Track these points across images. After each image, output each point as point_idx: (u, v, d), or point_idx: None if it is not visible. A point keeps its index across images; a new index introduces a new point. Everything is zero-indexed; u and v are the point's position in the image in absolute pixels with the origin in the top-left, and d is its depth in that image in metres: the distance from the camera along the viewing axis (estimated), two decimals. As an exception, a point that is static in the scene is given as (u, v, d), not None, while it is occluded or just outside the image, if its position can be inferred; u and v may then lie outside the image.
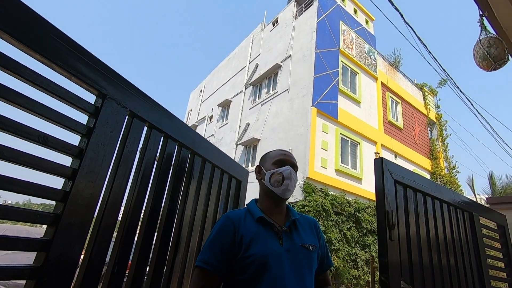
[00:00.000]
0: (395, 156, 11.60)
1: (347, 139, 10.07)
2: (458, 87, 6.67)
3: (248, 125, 12.15)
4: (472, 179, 11.47)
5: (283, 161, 1.12)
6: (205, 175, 1.53)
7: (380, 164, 1.48)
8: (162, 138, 1.25)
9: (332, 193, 8.88)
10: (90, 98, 0.97)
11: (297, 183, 8.60)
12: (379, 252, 1.35)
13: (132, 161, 1.07)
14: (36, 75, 0.79)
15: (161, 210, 1.24)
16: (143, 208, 1.14)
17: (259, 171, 1.17)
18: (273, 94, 11.32)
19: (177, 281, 1.30)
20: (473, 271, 1.81)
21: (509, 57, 2.32)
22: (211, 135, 15.04)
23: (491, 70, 2.39)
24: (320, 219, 8.09)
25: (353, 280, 8.06)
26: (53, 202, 0.83)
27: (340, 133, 9.84)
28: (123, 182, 1.03)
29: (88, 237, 0.94)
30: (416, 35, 4.80)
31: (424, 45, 5.15)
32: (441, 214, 1.75)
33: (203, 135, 16.20)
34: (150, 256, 1.18)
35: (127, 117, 1.06)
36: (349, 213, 8.85)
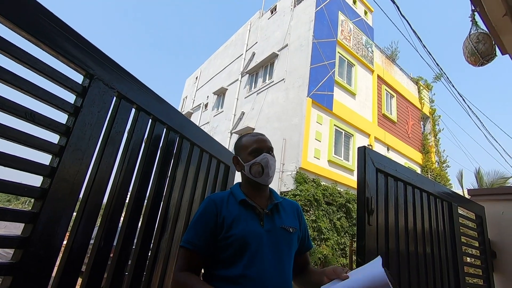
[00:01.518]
0: (388, 149, 11.75)
1: (341, 130, 10.15)
2: (451, 82, 6.73)
3: (243, 113, 12.13)
4: (461, 174, 11.77)
5: (258, 149, 1.14)
6: (193, 159, 1.57)
7: (363, 152, 1.53)
8: (150, 120, 1.27)
9: (324, 183, 9.02)
10: (78, 78, 0.99)
11: (290, 173, 8.72)
12: (357, 236, 1.42)
13: (119, 141, 1.10)
14: (23, 53, 0.80)
15: (148, 191, 1.27)
16: (130, 188, 1.18)
17: (237, 162, 1.19)
18: (269, 83, 11.27)
19: (162, 262, 1.35)
20: (448, 258, 1.91)
21: (497, 53, 2.36)
22: (206, 123, 15.00)
23: (478, 65, 2.44)
24: (311, 209, 8.24)
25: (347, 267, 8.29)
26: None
27: (334, 125, 9.91)
28: (110, 162, 1.06)
29: (75, 213, 0.98)
30: (412, 29, 4.81)
31: (419, 38, 5.17)
32: (420, 202, 1.82)
33: (198, 123, 16.17)
34: (136, 236, 1.22)
35: (115, 98, 1.08)
36: (339, 204, 9.02)
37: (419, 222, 1.77)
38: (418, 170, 13.10)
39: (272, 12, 13.26)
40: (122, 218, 1.17)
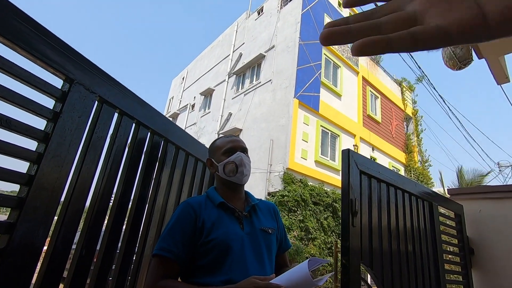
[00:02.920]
0: (372, 149, 12.01)
1: (327, 131, 10.30)
2: (432, 85, 6.95)
3: (231, 114, 12.11)
4: (440, 173, 12.25)
5: (232, 148, 1.13)
6: (178, 163, 1.55)
7: (347, 155, 1.56)
8: (133, 125, 1.25)
9: (311, 183, 9.12)
10: (57, 82, 0.96)
11: (278, 174, 8.76)
12: (342, 237, 1.45)
13: (101, 147, 1.08)
14: (-2, 57, 0.78)
15: (132, 196, 1.25)
16: (113, 193, 1.15)
17: (210, 164, 1.18)
18: (256, 84, 11.30)
19: (147, 268, 1.33)
20: (429, 256, 1.97)
21: (473, 58, 2.46)
22: (193, 124, 14.87)
23: (457, 70, 2.53)
24: (298, 209, 8.31)
25: (328, 267, 8.40)
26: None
27: (321, 125, 10.04)
28: (91, 168, 1.04)
29: (55, 221, 0.95)
30: (394, 32, 4.93)
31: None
32: (402, 203, 1.87)
33: (184, 124, 15.98)
34: (120, 243, 1.20)
35: (96, 102, 1.06)
36: (326, 203, 9.14)
37: (401, 222, 1.82)
38: (402, 169, 13.46)
39: (259, 13, 13.30)
40: (105, 224, 1.15)
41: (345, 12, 12.93)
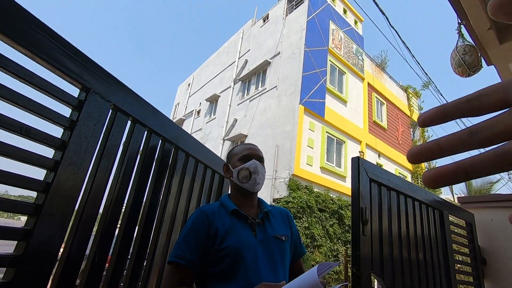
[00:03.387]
0: (379, 156, 11.92)
1: (333, 137, 10.26)
2: (439, 91, 6.91)
3: (236, 120, 12.15)
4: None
5: (248, 156, 1.15)
6: (188, 170, 1.56)
7: (356, 162, 1.55)
8: (145, 132, 1.27)
9: (317, 190, 9.06)
10: (74, 91, 0.98)
11: (283, 180, 8.73)
12: (352, 246, 1.43)
13: (115, 154, 1.09)
14: (20, 68, 0.80)
15: (143, 203, 1.26)
16: (125, 201, 1.16)
17: (227, 170, 1.20)
18: (261, 91, 11.35)
19: (157, 274, 1.33)
20: (440, 265, 1.93)
21: (482, 65, 2.45)
22: (198, 130, 14.95)
23: (465, 76, 2.52)
24: (304, 215, 8.25)
25: (334, 275, 8.28)
26: (31, 194, 0.85)
27: (326, 132, 10.02)
28: (105, 175, 1.05)
29: (69, 228, 0.96)
30: (400, 39, 4.94)
31: (408, 48, 5.31)
32: (413, 211, 1.85)
33: (190, 130, 16.11)
34: (131, 249, 1.20)
35: (110, 111, 1.08)
36: (332, 210, 9.06)
37: (412, 230, 1.79)
38: (409, 176, 13.30)
39: (264, 21, 13.44)
40: (117, 230, 1.16)
41: (350, 19, 12.99)
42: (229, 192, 1.21)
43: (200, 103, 15.99)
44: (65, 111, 0.94)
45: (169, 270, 0.98)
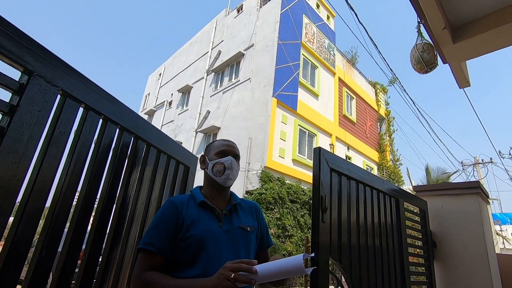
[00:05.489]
0: (348, 148, 12.39)
1: (305, 130, 10.48)
2: (403, 87, 7.28)
3: (209, 112, 11.98)
4: (408, 170, 13.03)
5: (225, 151, 1.19)
6: (149, 160, 1.52)
7: (318, 153, 1.60)
8: (100, 120, 1.21)
9: (288, 181, 9.25)
10: (16, 74, 0.91)
11: (256, 172, 8.80)
12: (312, 233, 1.49)
13: (64, 142, 1.03)
14: None
15: (99, 194, 1.21)
16: (77, 193, 1.11)
17: (203, 161, 1.23)
18: (235, 83, 11.26)
19: (114, 268, 1.29)
20: (395, 249, 2.07)
21: (438, 63, 2.60)
22: (170, 121, 14.56)
23: (423, 73, 2.67)
24: (276, 207, 8.41)
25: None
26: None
27: (298, 125, 10.20)
28: (53, 165, 0.99)
29: (11, 221, 0.90)
30: (368, 36, 5.12)
31: (375, 45, 5.51)
32: (371, 199, 1.95)
33: (161, 121, 15.62)
34: (84, 244, 1.16)
35: (59, 96, 1.01)
36: (303, 201, 9.32)
37: (370, 218, 1.90)
38: (375, 168, 14.00)
39: (238, 11, 13.24)
40: (68, 224, 1.11)
41: (323, 14, 13.20)
42: (201, 185, 1.24)
43: (172, 94, 15.54)
44: (5, 95, 0.87)
45: (139, 257, 1.01)
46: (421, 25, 2.75)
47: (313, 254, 0.94)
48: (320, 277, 1.40)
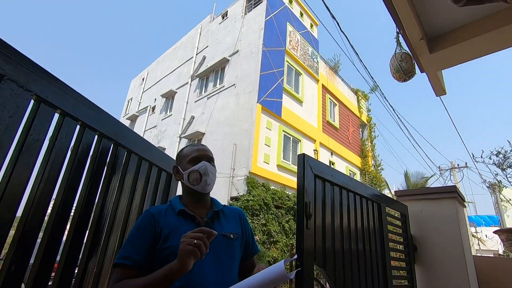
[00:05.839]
0: (331, 154, 12.59)
1: (289, 136, 10.57)
2: (383, 95, 7.51)
3: (193, 118, 11.87)
4: (385, 180, 13.61)
5: (197, 157, 1.15)
6: (130, 168, 1.47)
7: (302, 159, 1.61)
8: (78, 127, 1.16)
9: (273, 187, 9.26)
10: (-16, 77, 0.85)
11: (241, 178, 8.75)
12: (297, 240, 1.48)
13: (37, 150, 0.98)
14: None
15: (75, 203, 1.16)
16: (52, 200, 1.05)
17: (177, 172, 1.19)
18: (219, 88, 11.24)
19: (91, 280, 1.23)
20: (377, 254, 2.10)
21: (416, 71, 2.71)
22: (153, 127, 14.30)
23: (402, 81, 2.76)
24: (261, 213, 8.37)
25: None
26: None
27: (283, 130, 10.28)
28: (25, 173, 0.94)
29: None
30: (350, 44, 5.27)
31: (357, 54, 5.67)
32: (354, 205, 1.98)
33: (144, 126, 15.33)
34: (59, 255, 1.10)
35: (32, 101, 0.96)
36: (288, 207, 9.34)
37: (353, 223, 1.92)
38: (358, 173, 14.28)
39: (223, 17, 13.30)
40: (41, 234, 1.05)
41: (306, 22, 13.48)
42: (180, 194, 1.21)
43: (155, 99, 15.29)
44: (-29, 100, 0.82)
45: (115, 272, 0.96)
46: (399, 35, 2.86)
47: (295, 257, 0.93)
48: (305, 284, 1.39)
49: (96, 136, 1.26)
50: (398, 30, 2.80)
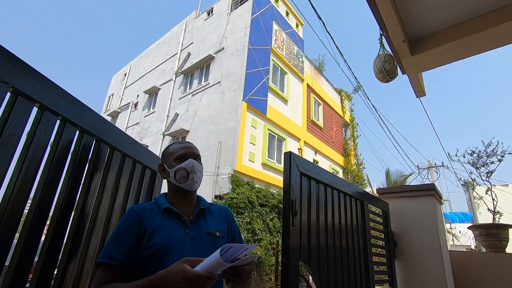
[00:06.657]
0: (315, 153, 12.77)
1: (274, 134, 10.63)
2: (366, 95, 7.69)
3: (177, 115, 11.68)
4: (367, 175, 13.97)
5: (184, 155, 1.13)
6: (113, 165, 1.43)
7: (288, 157, 1.62)
8: (58, 121, 1.11)
9: (258, 185, 9.29)
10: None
11: (226, 176, 8.71)
12: (283, 237, 1.49)
13: (14, 146, 0.93)
14: None
15: (54, 201, 1.11)
16: (30, 199, 1.01)
17: (162, 170, 1.17)
18: (204, 85, 11.12)
19: (71, 283, 1.19)
20: (360, 250, 2.16)
21: (398, 73, 2.79)
22: (136, 124, 13.96)
23: (385, 82, 2.84)
24: (245, 211, 8.38)
25: (274, 267, 8.62)
26: None
27: (268, 129, 10.32)
28: (0, 170, 0.89)
29: None
30: (335, 44, 5.34)
31: (341, 54, 5.77)
32: (338, 202, 2.02)
33: (126, 123, 14.90)
34: (37, 256, 1.05)
35: (8, 94, 0.91)
36: (272, 205, 9.40)
37: (337, 220, 1.96)
38: (341, 172, 14.57)
39: (208, 14, 13.15)
40: (18, 234, 1.00)
41: (292, 22, 13.56)
42: (166, 192, 1.18)
43: (138, 95, 14.92)
44: None
45: (97, 272, 0.93)
46: (383, 37, 2.93)
47: (253, 246, 0.89)
48: (290, 281, 1.41)
49: (78, 132, 1.21)
50: (381, 32, 2.86)
